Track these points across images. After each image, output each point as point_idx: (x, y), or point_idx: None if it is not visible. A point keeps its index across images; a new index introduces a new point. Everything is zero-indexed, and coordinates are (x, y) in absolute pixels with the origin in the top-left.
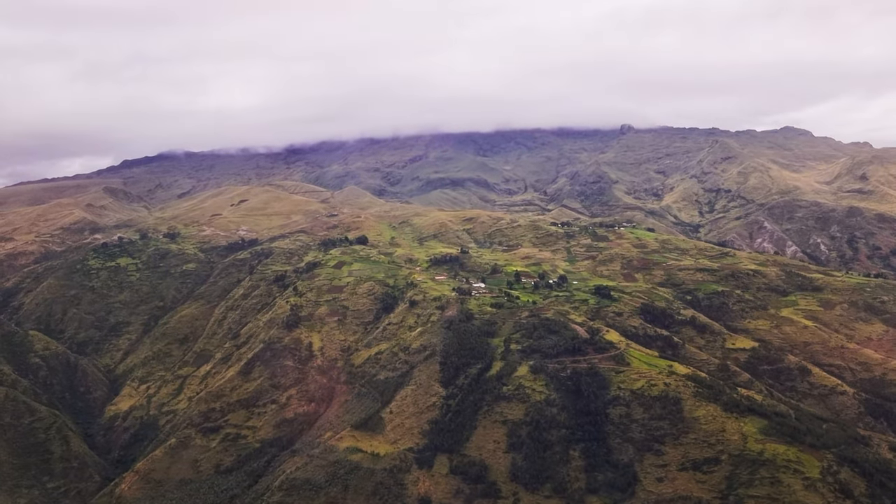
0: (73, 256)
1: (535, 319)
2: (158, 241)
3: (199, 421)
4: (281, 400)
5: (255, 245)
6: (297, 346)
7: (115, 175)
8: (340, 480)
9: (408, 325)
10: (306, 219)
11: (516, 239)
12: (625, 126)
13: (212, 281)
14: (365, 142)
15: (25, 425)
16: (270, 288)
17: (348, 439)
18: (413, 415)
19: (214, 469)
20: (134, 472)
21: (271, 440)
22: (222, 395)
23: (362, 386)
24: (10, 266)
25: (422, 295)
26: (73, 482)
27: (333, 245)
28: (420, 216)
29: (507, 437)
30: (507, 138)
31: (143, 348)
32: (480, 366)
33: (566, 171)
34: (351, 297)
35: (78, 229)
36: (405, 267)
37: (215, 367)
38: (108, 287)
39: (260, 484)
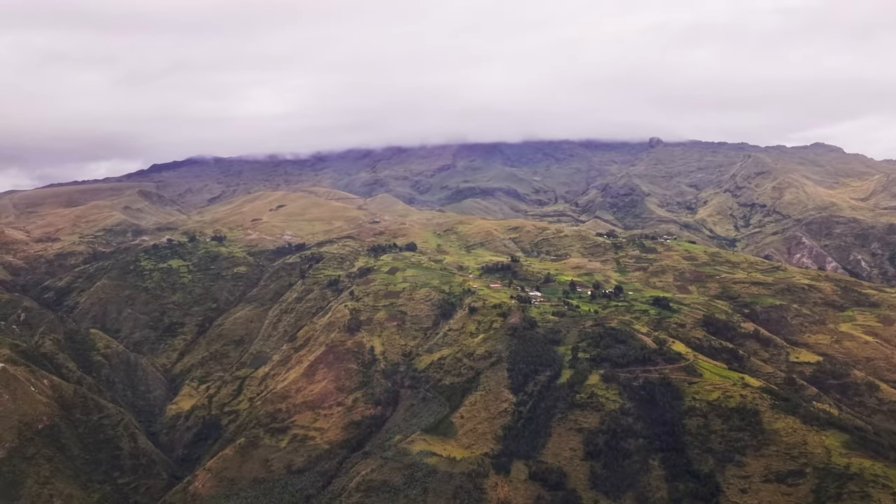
0: (125, 257)
1: (600, 329)
2: (207, 245)
3: (266, 421)
4: (347, 402)
5: (303, 249)
6: (360, 350)
7: (144, 179)
8: (419, 483)
9: (469, 331)
10: (349, 225)
11: (564, 249)
12: (653, 139)
13: (263, 284)
14: (392, 150)
15: (94, 421)
16: (324, 292)
17: (420, 443)
18: (485, 420)
19: (286, 469)
20: (206, 469)
21: (340, 442)
22: (287, 396)
23: (427, 390)
24: (61, 266)
25: (481, 302)
26: (142, 479)
27: (383, 251)
28: (464, 224)
29: (583, 445)
30: (534, 149)
31: (200, 349)
32: (549, 373)
33: (596, 182)
34: (408, 303)
35: (120, 231)
36: (458, 274)
37: (274, 369)
38: (162, 288)
39: (334, 485)
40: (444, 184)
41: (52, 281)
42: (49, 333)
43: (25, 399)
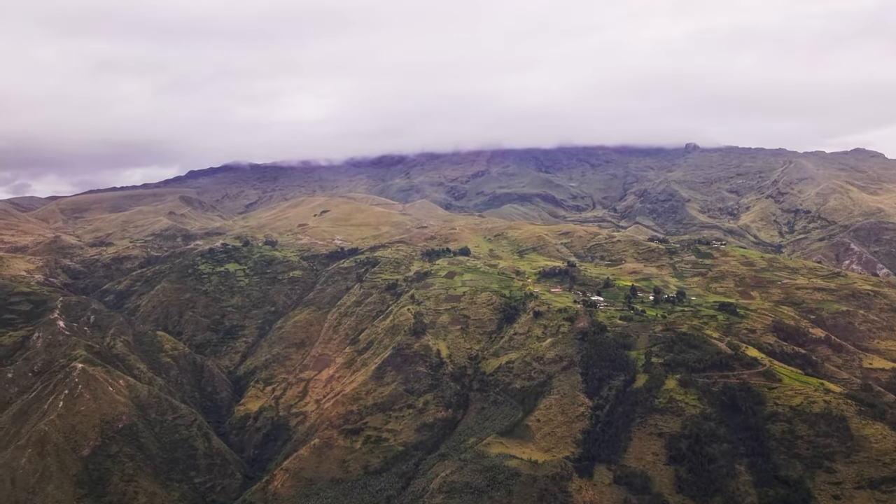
0: (181, 261)
1: (671, 334)
2: (261, 249)
3: (338, 423)
4: (418, 405)
5: (357, 254)
6: (427, 353)
7: (182, 185)
8: (502, 485)
9: (535, 335)
10: (397, 230)
11: (618, 254)
12: (690, 144)
13: (319, 288)
14: (425, 156)
15: (169, 422)
16: (383, 296)
17: (497, 446)
18: (563, 424)
19: (363, 470)
20: (283, 470)
21: (414, 444)
22: (358, 398)
23: (497, 394)
24: (119, 269)
25: (545, 306)
26: (218, 478)
27: (438, 255)
28: (513, 229)
29: (665, 450)
30: (568, 155)
31: (262, 351)
32: (623, 378)
33: (634, 188)
34: (470, 307)
35: (170, 235)
36: (516, 278)
37: (338, 371)
38: (220, 291)
39: (414, 486)
40: (480, 189)
41: (112, 284)
42: (119, 335)
43: (105, 399)
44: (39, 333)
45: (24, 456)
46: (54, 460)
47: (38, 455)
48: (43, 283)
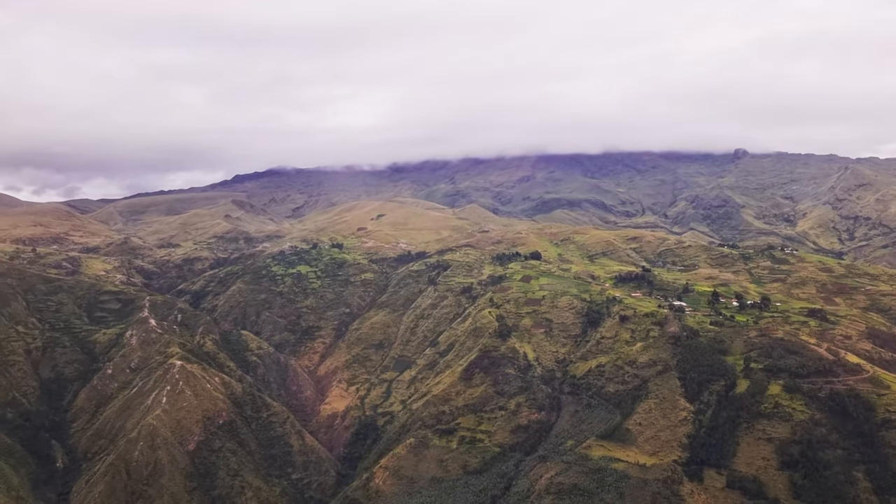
0: (253, 263)
1: (767, 339)
2: (330, 252)
3: (431, 423)
4: (510, 407)
5: (424, 258)
6: (514, 356)
7: (228, 189)
8: (612, 488)
9: (623, 339)
10: (458, 234)
11: (690, 259)
12: (739, 150)
13: (392, 290)
14: (469, 162)
15: (264, 419)
16: (458, 299)
17: (598, 448)
18: (666, 428)
19: (462, 469)
20: (382, 468)
21: (510, 445)
22: (449, 399)
23: (591, 397)
24: (190, 270)
25: (631, 311)
26: (314, 475)
27: (509, 260)
28: (580, 234)
29: (776, 455)
30: (614, 161)
31: (341, 352)
32: (723, 383)
33: (684, 194)
34: (552, 311)
35: (232, 238)
36: (593, 283)
37: (421, 373)
38: (294, 293)
39: (517, 486)
40: (526, 195)
41: (187, 284)
42: (207, 334)
43: (205, 395)
44: (133, 331)
45: (136, 449)
46: (165, 453)
47: (149, 448)
48: (126, 283)
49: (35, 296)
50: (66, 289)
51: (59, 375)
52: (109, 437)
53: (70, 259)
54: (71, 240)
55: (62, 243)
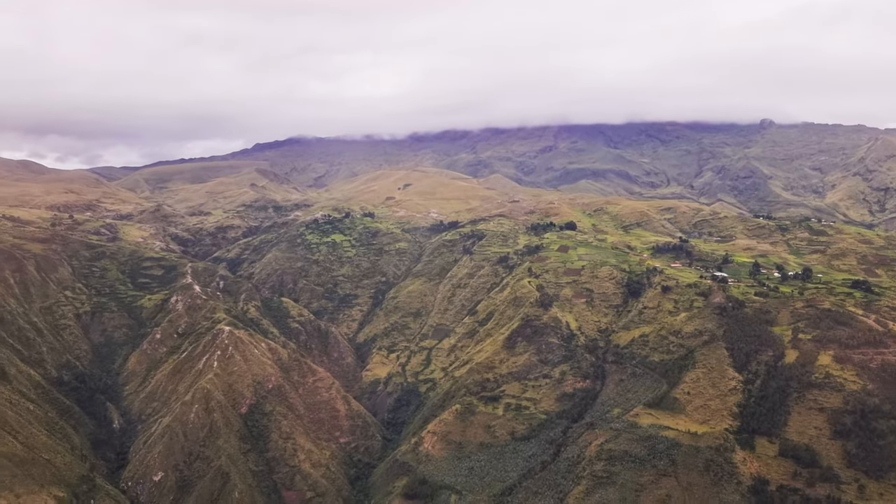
0: (287, 231)
1: (814, 310)
2: (363, 221)
3: (475, 390)
4: (554, 375)
5: (457, 227)
6: (557, 325)
7: (249, 157)
8: (664, 455)
9: (666, 309)
10: (488, 204)
11: (726, 230)
12: (765, 121)
13: (427, 259)
14: (489, 131)
15: (310, 384)
16: (496, 268)
17: (646, 416)
18: (715, 397)
19: (510, 436)
20: (430, 433)
21: (557, 412)
22: (492, 366)
23: (635, 366)
24: (224, 238)
25: (673, 281)
26: (360, 439)
27: (544, 229)
28: (612, 204)
29: (828, 424)
30: (637, 131)
31: (379, 320)
32: (771, 353)
33: (710, 165)
34: (592, 280)
35: (261, 206)
36: (631, 253)
37: (460, 341)
38: (330, 261)
39: (567, 452)
40: (549, 165)
41: (221, 252)
42: (250, 300)
43: (254, 360)
44: (178, 297)
45: (192, 411)
46: (220, 416)
47: (204, 411)
48: (165, 250)
49: (79, 262)
50: (108, 255)
51: (108, 339)
52: (162, 399)
53: (107, 226)
54: (103, 207)
55: (95, 210)
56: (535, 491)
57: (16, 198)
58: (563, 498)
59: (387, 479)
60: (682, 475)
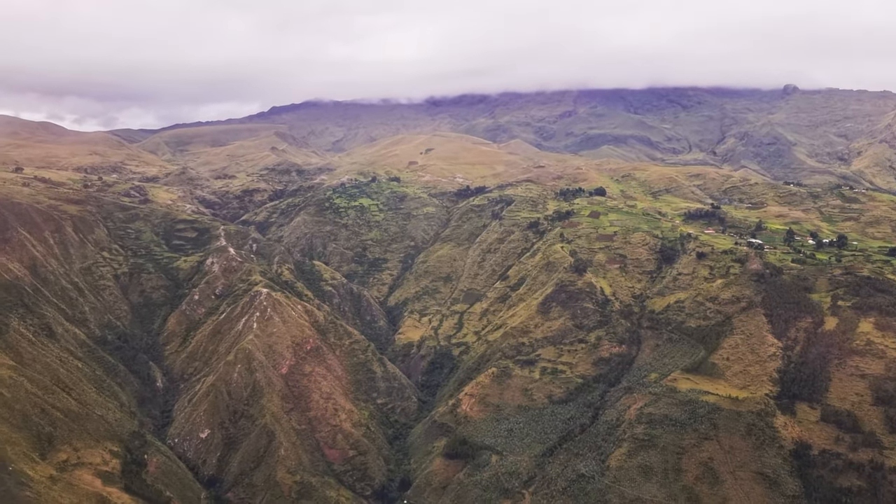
0: (314, 195)
1: (852, 277)
2: (390, 185)
3: (511, 353)
4: (589, 340)
5: (484, 192)
6: (592, 290)
7: (266, 120)
8: (705, 419)
9: (702, 275)
10: (514, 169)
11: (757, 197)
12: (789, 86)
13: (455, 224)
14: (508, 96)
15: (346, 346)
16: (526, 234)
17: (685, 381)
18: (755, 363)
19: (548, 399)
20: (468, 395)
21: (593, 376)
22: (527, 331)
23: (671, 332)
24: (251, 202)
25: (708, 248)
26: (397, 401)
27: (573, 195)
28: (640, 170)
29: (870, 391)
30: (658, 96)
31: (409, 284)
32: (810, 320)
33: (732, 131)
34: (625, 246)
35: (283, 170)
36: (663, 219)
37: (492, 306)
38: (358, 225)
39: (606, 416)
40: (569, 130)
41: (249, 215)
42: (283, 263)
43: (291, 322)
44: (214, 259)
45: (234, 371)
46: (261, 375)
47: (247, 370)
48: (196, 213)
49: (114, 223)
50: (142, 217)
51: (147, 300)
52: (203, 359)
53: (136, 188)
54: (128, 169)
55: (121, 172)
56: (576, 453)
57: (42, 159)
58: (604, 460)
59: (425, 440)
60: (723, 439)
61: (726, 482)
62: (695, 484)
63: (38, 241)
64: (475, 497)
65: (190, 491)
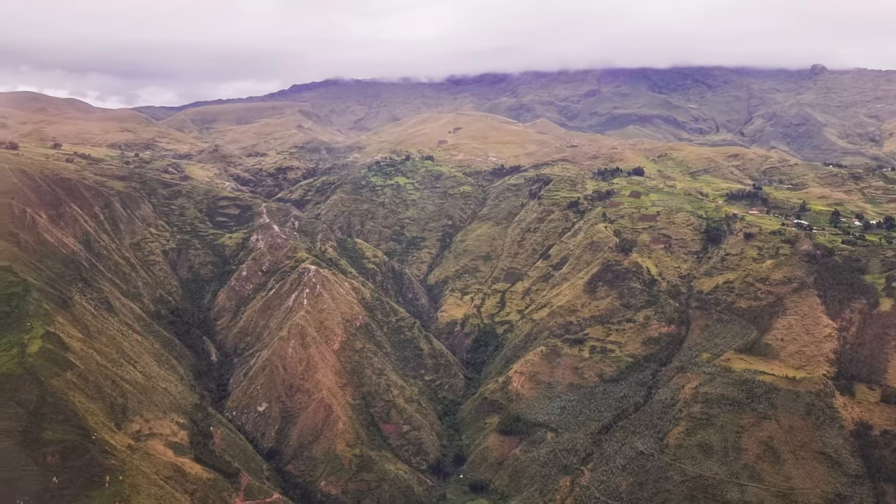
0: (348, 174)
1: None
2: (424, 164)
3: (559, 332)
4: (638, 319)
5: (519, 172)
6: (638, 270)
7: (286, 98)
8: (763, 399)
9: (750, 256)
10: (546, 148)
11: (797, 178)
12: (816, 66)
13: (492, 203)
14: (530, 75)
15: (393, 323)
16: (566, 213)
17: (738, 361)
18: (810, 343)
19: (598, 377)
20: (518, 373)
21: (644, 356)
22: (574, 310)
23: (721, 312)
24: (285, 179)
25: (756, 228)
26: (444, 377)
27: (611, 175)
28: (676, 150)
29: None
30: (682, 75)
31: (448, 263)
32: (865, 301)
33: (760, 111)
34: (669, 226)
35: (313, 148)
36: (705, 200)
37: (535, 285)
38: (395, 203)
39: (659, 395)
40: (593, 110)
41: (285, 193)
42: (326, 241)
43: (340, 299)
44: (259, 236)
45: (289, 346)
46: (315, 351)
47: (300, 346)
48: (236, 190)
49: (158, 199)
50: (184, 193)
51: (195, 276)
52: (254, 334)
53: (174, 165)
54: (160, 146)
55: (153, 150)
56: (633, 430)
57: (76, 135)
58: (662, 438)
59: (476, 416)
60: (782, 418)
61: (788, 461)
62: (756, 462)
63: (89, 216)
64: (534, 473)
65: (253, 462)
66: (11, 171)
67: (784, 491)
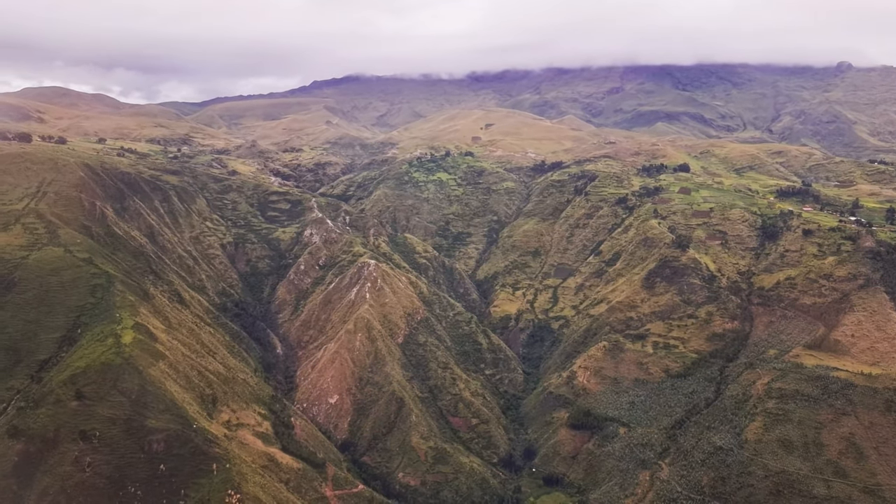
0: (389, 169)
1: None
2: (465, 160)
3: (620, 328)
4: (700, 315)
5: (561, 168)
6: (697, 266)
7: (308, 94)
8: (839, 395)
9: (810, 253)
10: (583, 144)
11: (844, 175)
12: (843, 64)
13: (536, 199)
14: (552, 71)
15: (451, 317)
16: (615, 209)
17: (808, 357)
18: (882, 340)
19: (664, 373)
20: (582, 367)
21: (709, 352)
22: (634, 305)
23: (785, 308)
24: (324, 175)
25: (814, 225)
26: (503, 372)
27: (657, 171)
28: (718, 147)
29: None
30: (707, 72)
31: (497, 258)
32: None
33: (787, 109)
34: (724, 223)
35: (346, 143)
36: (757, 196)
37: (588, 280)
38: (439, 199)
39: (730, 390)
40: (618, 107)
41: (326, 188)
42: (379, 235)
43: (401, 293)
44: (313, 231)
45: (356, 339)
46: (382, 344)
47: (367, 339)
48: (284, 185)
49: (210, 194)
50: (234, 188)
51: (253, 269)
52: (317, 327)
53: (217, 160)
54: (196, 141)
55: (191, 145)
56: (708, 426)
57: (114, 130)
58: (739, 433)
59: (542, 410)
60: (862, 415)
61: (871, 457)
62: (839, 458)
63: (150, 210)
64: (611, 467)
65: (332, 453)
66: (77, 165)
67: (871, 487)
